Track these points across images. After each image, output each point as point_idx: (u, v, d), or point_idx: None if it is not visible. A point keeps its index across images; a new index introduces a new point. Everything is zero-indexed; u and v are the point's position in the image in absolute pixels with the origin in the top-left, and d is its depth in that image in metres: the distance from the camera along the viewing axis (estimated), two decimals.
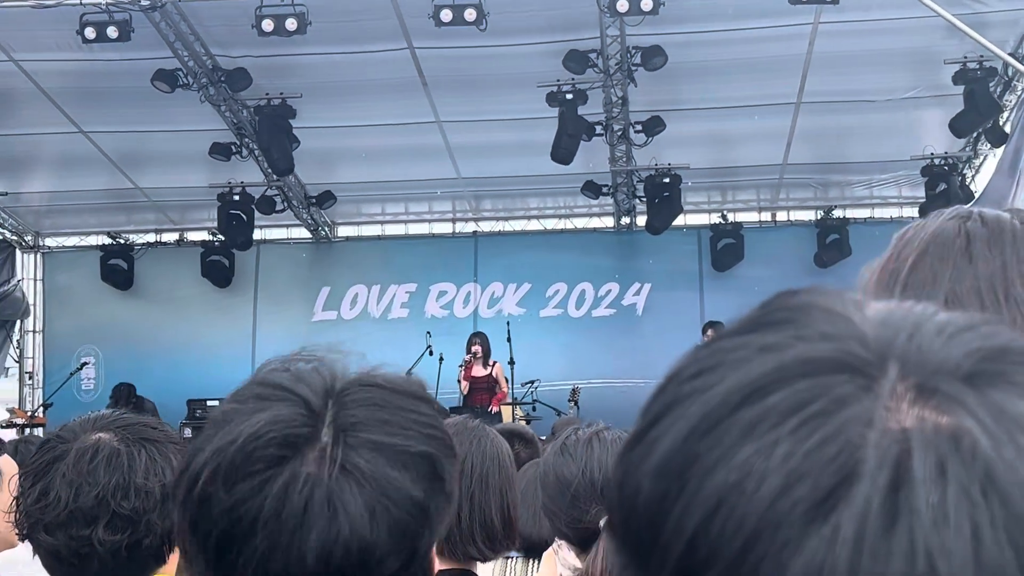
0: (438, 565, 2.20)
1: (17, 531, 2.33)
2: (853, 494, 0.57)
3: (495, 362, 14.06)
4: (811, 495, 0.58)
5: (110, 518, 2.19)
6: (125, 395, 15.13)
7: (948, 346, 0.63)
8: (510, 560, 3.60)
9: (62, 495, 2.20)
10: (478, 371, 13.83)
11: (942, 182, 15.08)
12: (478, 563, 2.97)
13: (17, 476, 2.39)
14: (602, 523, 2.77)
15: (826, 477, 0.58)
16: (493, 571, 3.37)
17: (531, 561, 3.61)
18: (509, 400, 14.03)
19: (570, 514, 2.83)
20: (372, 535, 1.28)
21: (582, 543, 2.85)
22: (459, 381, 13.73)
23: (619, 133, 14.22)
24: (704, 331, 13.89)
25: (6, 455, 3.83)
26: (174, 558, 2.30)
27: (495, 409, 13.32)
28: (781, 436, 0.60)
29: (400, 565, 1.31)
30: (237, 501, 1.27)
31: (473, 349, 13.93)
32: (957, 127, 13.45)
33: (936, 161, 15.06)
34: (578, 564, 2.84)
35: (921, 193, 15.65)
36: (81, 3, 11.73)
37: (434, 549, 1.42)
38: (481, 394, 13.56)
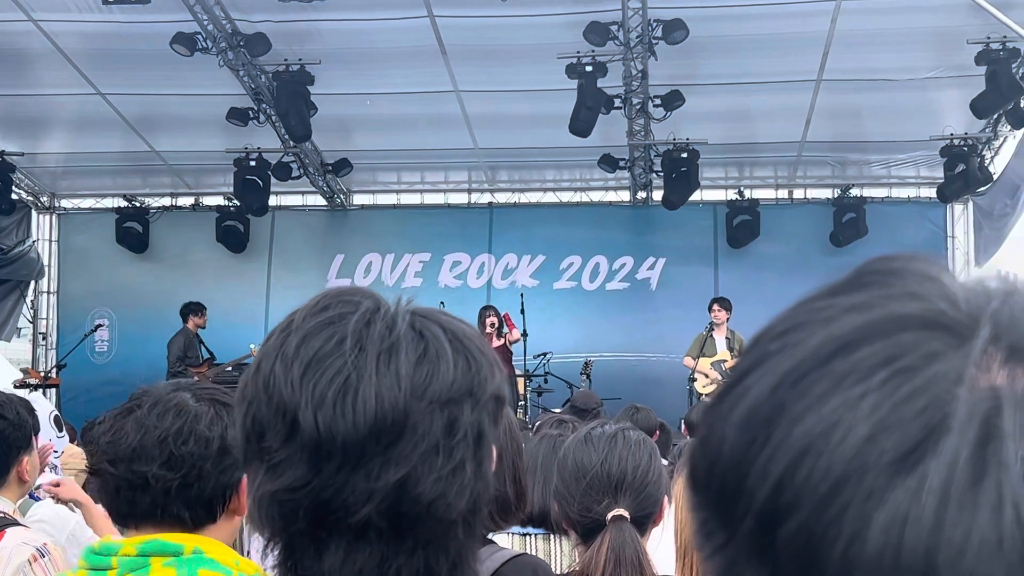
0: None
1: (88, 466, 2.55)
2: (941, 446, 0.58)
3: (506, 333, 14.11)
4: (898, 446, 0.59)
5: (168, 458, 2.36)
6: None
7: None
8: (528, 538, 3.61)
9: (130, 434, 2.40)
10: (494, 343, 13.86)
11: (961, 163, 15.01)
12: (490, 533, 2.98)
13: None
14: (609, 516, 2.80)
15: (914, 429, 0.59)
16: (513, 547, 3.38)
17: (552, 537, 3.61)
18: (520, 373, 14.04)
19: (582, 502, 2.85)
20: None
21: (586, 533, 2.87)
22: None
23: (638, 107, 14.16)
24: (710, 307, 13.83)
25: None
26: (225, 524, 2.40)
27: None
28: (870, 388, 0.61)
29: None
30: None
31: (489, 321, 13.95)
32: (978, 108, 13.33)
33: (956, 142, 14.98)
34: None
35: (940, 174, 15.61)
36: None
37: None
38: None
